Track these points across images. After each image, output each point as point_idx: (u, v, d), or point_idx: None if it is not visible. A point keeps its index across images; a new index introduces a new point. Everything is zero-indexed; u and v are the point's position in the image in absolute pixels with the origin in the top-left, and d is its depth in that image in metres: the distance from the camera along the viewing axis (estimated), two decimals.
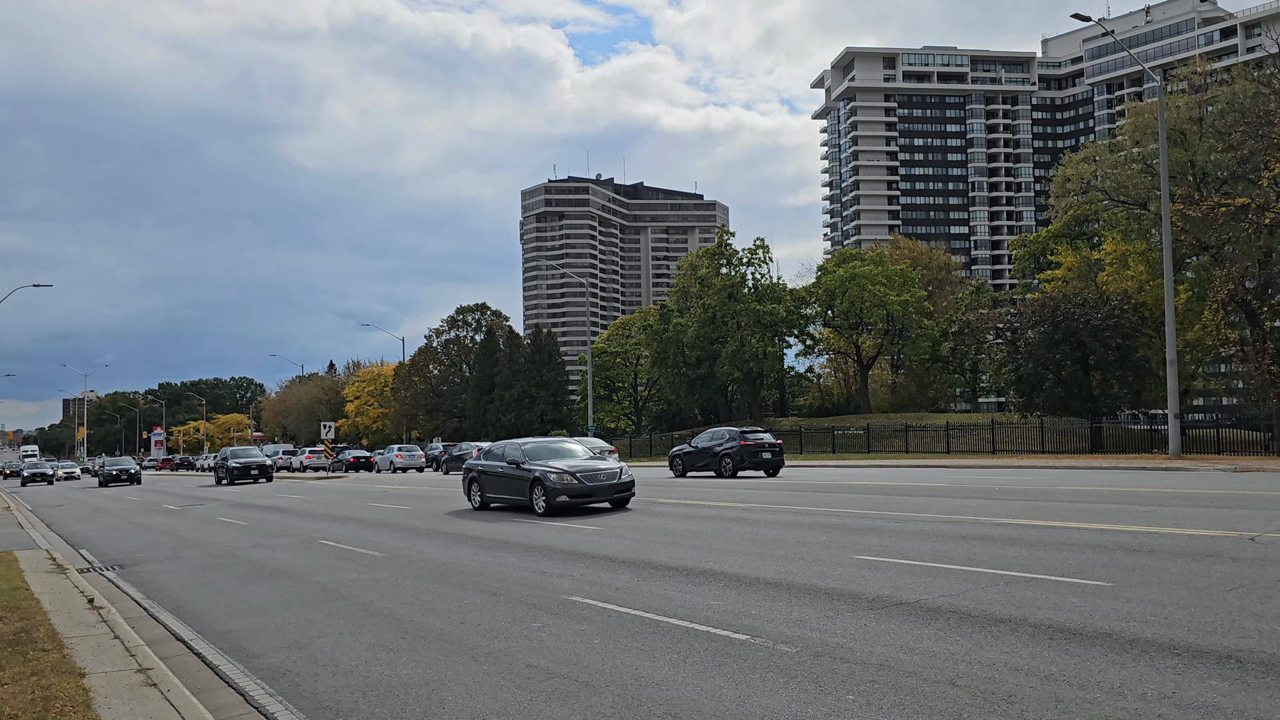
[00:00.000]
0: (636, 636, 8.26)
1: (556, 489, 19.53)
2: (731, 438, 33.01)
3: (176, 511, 28.93)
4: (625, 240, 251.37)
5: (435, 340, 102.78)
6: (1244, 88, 43.65)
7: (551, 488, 19.54)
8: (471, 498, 22.91)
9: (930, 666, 6.79)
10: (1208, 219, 37.54)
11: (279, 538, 18.88)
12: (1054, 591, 9.16)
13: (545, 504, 19.56)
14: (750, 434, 33.25)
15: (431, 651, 8.21)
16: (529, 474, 20.22)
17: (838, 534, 14.47)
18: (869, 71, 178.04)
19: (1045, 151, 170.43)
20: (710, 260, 78.11)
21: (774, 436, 35.19)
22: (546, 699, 6.58)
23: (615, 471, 20.45)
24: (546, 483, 19.58)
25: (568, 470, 19.79)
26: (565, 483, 19.56)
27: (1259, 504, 16.15)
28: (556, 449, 22.02)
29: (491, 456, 22.70)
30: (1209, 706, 5.64)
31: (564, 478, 19.63)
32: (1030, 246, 73.21)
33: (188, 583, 13.51)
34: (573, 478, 19.65)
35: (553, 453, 21.46)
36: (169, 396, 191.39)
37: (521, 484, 20.57)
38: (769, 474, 32.79)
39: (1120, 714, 5.59)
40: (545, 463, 20.36)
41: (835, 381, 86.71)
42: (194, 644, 9.18)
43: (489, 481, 22.08)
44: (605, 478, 20.01)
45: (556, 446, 22.46)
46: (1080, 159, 56.89)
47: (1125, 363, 47.74)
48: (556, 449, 22.02)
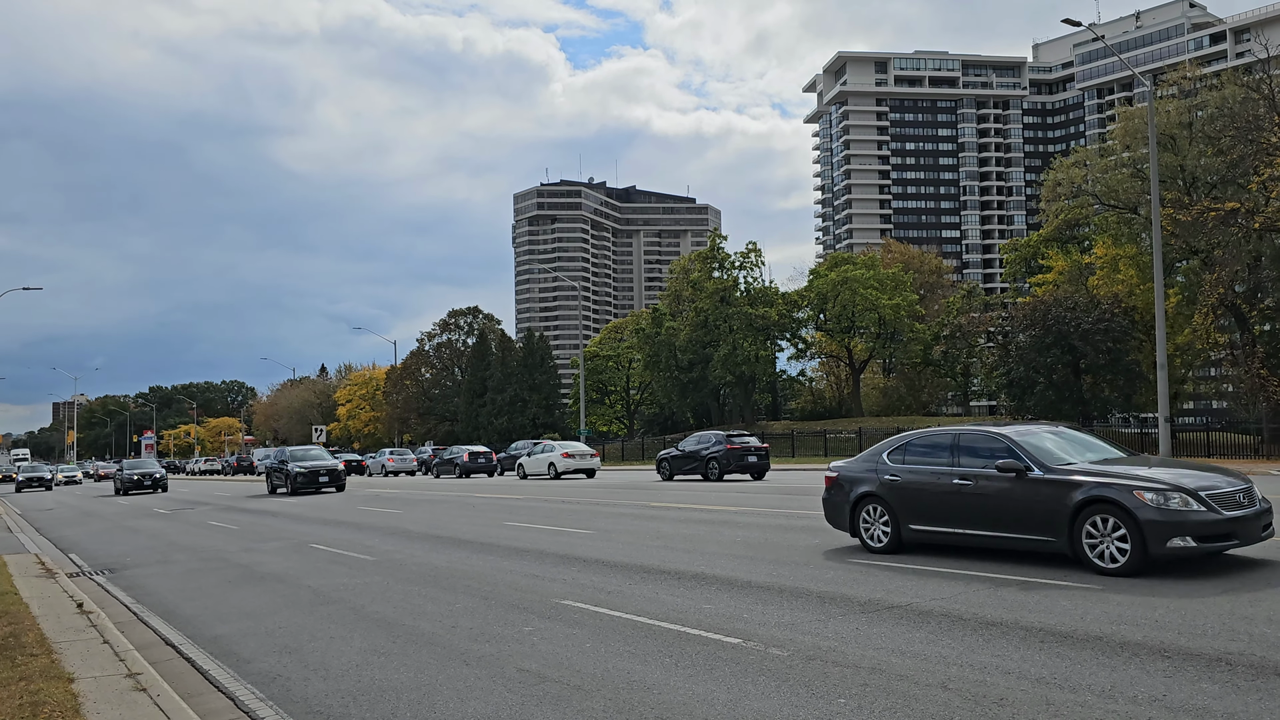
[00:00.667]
0: (628, 640, 8.25)
1: None
2: (718, 441, 33.16)
3: (167, 515, 28.79)
4: (617, 243, 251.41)
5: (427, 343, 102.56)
6: (1233, 93, 43.84)
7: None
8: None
9: (922, 670, 6.80)
10: (1197, 223, 37.67)
11: (270, 541, 18.81)
12: (1045, 595, 9.18)
13: None
14: (736, 438, 33.42)
15: (423, 656, 8.19)
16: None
17: (830, 537, 14.47)
18: (861, 76, 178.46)
19: (1036, 155, 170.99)
20: (702, 264, 78.12)
21: (760, 440, 35.20)
22: (538, 703, 6.56)
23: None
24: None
25: None
26: None
27: None
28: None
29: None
30: (1199, 709, 5.65)
31: None
32: (1021, 250, 73.40)
33: (178, 587, 13.45)
34: None
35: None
36: (160, 400, 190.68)
37: None
38: (755, 477, 32.91)
39: (1111, 717, 5.60)
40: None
41: (827, 385, 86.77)
42: (184, 648, 9.13)
43: None
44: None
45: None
46: (1071, 163, 57.03)
47: (1116, 366, 47.93)
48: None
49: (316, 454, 39.24)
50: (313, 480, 35.99)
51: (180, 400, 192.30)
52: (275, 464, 38.63)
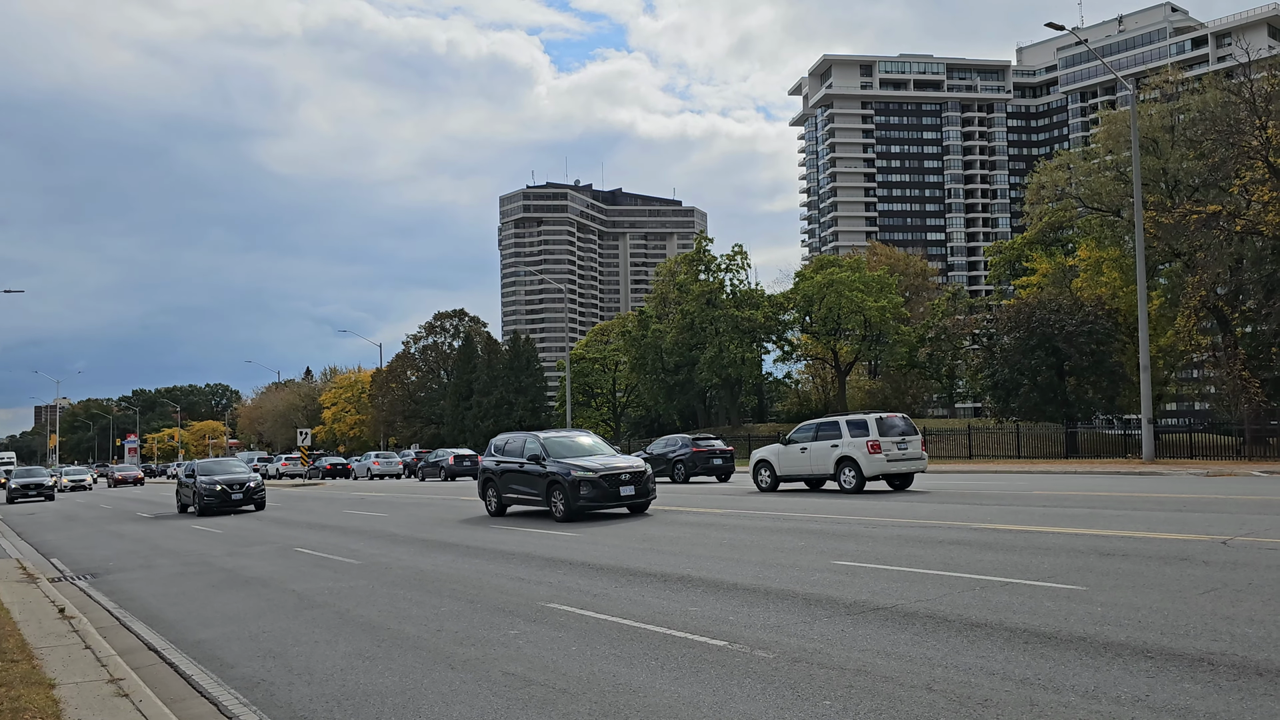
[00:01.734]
0: (614, 643, 8.24)
1: None
2: (684, 444, 34.51)
3: (150, 520, 28.62)
4: (604, 246, 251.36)
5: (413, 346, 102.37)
6: (1215, 96, 44.24)
7: None
8: None
9: (907, 671, 6.81)
10: (1180, 226, 37.98)
11: (254, 545, 18.72)
12: (1030, 596, 9.21)
13: None
14: (702, 440, 34.77)
15: (408, 659, 8.16)
16: None
17: (815, 539, 14.51)
18: (846, 79, 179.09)
19: (1020, 159, 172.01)
20: (689, 266, 78.22)
21: (725, 444, 36.27)
22: (524, 707, 6.55)
23: None
24: None
25: None
26: None
27: (1231, 508, 16.33)
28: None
29: None
30: (1182, 709, 5.69)
31: None
32: (1006, 253, 73.83)
33: (161, 591, 13.37)
34: None
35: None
36: (143, 403, 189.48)
37: None
38: (720, 479, 33.74)
39: (1094, 717, 5.63)
40: None
41: (813, 387, 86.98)
42: (167, 653, 9.07)
43: None
44: None
45: None
46: (1055, 166, 57.44)
47: (1099, 368, 48.22)
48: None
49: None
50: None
51: (164, 403, 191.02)
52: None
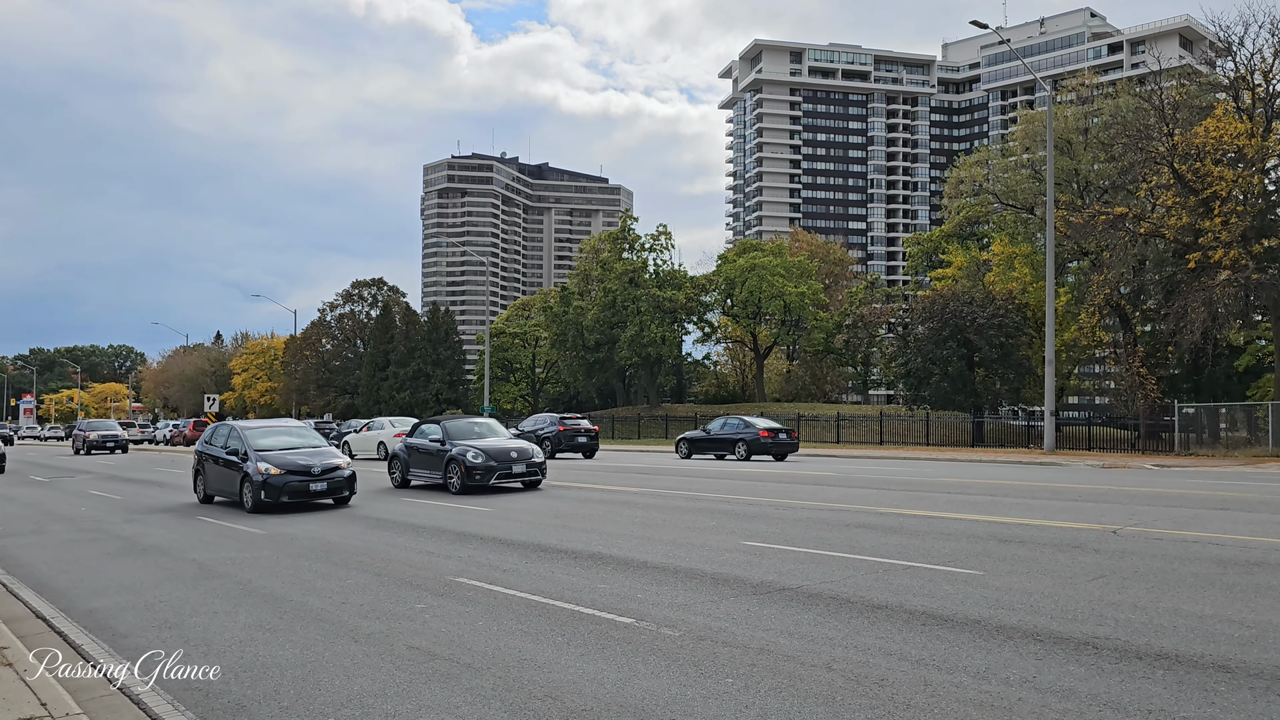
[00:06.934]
0: (521, 619, 8.23)
1: None
2: (552, 423, 37.00)
3: (45, 483, 27.57)
4: (528, 220, 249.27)
5: (329, 314, 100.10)
6: (1127, 102, 45.73)
7: None
8: None
9: (808, 651, 6.95)
10: (1088, 226, 39.23)
11: (155, 513, 18.19)
12: (929, 579, 9.48)
13: None
14: (568, 419, 37.47)
15: (310, 632, 8.03)
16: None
17: (727, 520, 14.68)
18: (776, 64, 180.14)
19: (942, 153, 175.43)
20: (613, 244, 78.08)
21: (590, 423, 38.84)
22: (426, 680, 6.50)
23: None
24: None
25: None
26: None
27: (1122, 499, 17.00)
28: None
29: None
30: (1065, 690, 5.92)
31: None
32: (924, 245, 75.41)
33: (53, 558, 12.91)
34: None
35: None
36: (40, 363, 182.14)
37: None
38: (585, 456, 36.24)
39: (984, 697, 5.82)
40: None
41: (731, 370, 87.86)
42: (55, 622, 8.76)
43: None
44: None
45: None
46: (973, 162, 58.81)
47: (1007, 361, 49.70)
48: None
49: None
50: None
51: (63, 363, 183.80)
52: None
